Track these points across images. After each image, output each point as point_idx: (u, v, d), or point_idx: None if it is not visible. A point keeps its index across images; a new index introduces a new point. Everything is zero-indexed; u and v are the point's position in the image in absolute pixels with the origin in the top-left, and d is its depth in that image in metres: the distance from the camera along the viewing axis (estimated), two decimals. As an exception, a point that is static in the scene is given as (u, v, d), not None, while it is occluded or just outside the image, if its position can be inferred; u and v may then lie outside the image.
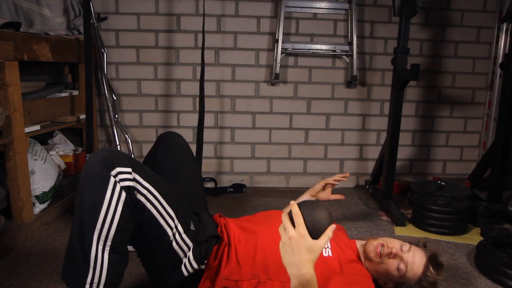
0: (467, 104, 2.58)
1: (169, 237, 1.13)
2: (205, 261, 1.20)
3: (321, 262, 1.20)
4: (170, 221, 1.12)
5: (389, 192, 2.13)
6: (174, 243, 1.14)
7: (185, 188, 1.40)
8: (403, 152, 2.59)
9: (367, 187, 2.52)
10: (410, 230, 1.91)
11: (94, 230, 0.99)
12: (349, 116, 2.54)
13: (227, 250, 1.23)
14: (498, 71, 2.43)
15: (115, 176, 1.00)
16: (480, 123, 2.61)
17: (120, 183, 1.01)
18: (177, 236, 1.14)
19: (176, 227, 1.14)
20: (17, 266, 1.48)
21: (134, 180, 1.04)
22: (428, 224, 1.89)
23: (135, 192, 1.05)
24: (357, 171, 2.62)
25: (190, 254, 1.17)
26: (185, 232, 1.16)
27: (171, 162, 1.44)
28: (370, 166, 2.58)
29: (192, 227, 1.20)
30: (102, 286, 1.02)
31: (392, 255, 1.23)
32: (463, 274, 1.51)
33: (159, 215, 1.10)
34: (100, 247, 1.00)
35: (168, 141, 1.47)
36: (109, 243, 1.01)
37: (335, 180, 1.64)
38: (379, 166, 2.31)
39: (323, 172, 2.59)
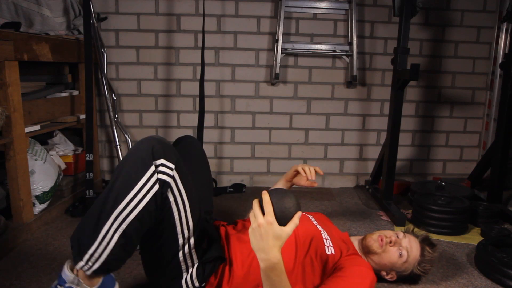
0: (467, 104, 2.58)
1: (178, 245, 1.12)
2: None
3: (325, 261, 1.22)
4: (185, 231, 1.11)
5: (389, 192, 2.13)
6: (180, 254, 1.13)
7: (196, 189, 1.40)
8: (403, 152, 2.59)
9: (367, 187, 2.52)
10: (410, 230, 1.91)
11: (116, 208, 0.99)
12: (349, 116, 2.54)
13: (228, 268, 1.20)
14: (498, 71, 2.43)
15: (157, 166, 1.01)
16: (480, 123, 2.61)
17: (159, 174, 1.01)
18: (186, 247, 1.13)
19: (189, 238, 1.12)
20: (17, 266, 1.47)
21: (172, 177, 1.04)
22: (428, 224, 1.89)
23: (168, 189, 1.04)
24: (357, 171, 2.62)
25: (193, 271, 1.16)
26: (195, 247, 1.15)
27: (185, 163, 1.43)
28: (370, 166, 2.58)
29: (204, 245, 1.19)
30: (100, 263, 1.01)
31: (392, 243, 1.30)
32: (463, 274, 1.51)
33: (179, 221, 1.09)
34: (114, 226, 0.99)
35: (185, 142, 1.50)
36: (124, 226, 1.00)
37: (305, 172, 1.55)
38: (379, 166, 2.31)
39: (323, 172, 2.59)
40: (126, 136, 2.26)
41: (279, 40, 2.31)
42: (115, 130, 2.20)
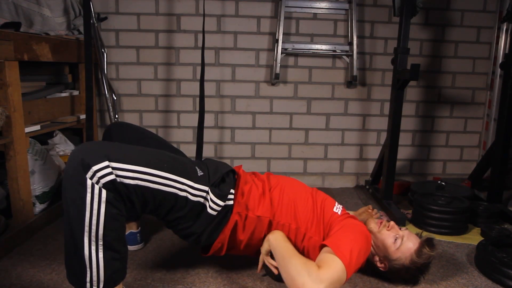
0: (467, 104, 2.58)
1: (181, 196, 1.14)
2: (232, 197, 1.26)
3: (330, 216, 1.34)
4: (172, 183, 1.12)
5: (389, 192, 2.13)
6: (190, 197, 1.16)
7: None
8: (403, 152, 2.59)
9: (367, 187, 2.52)
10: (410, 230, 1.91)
11: (84, 233, 1.00)
12: (349, 116, 2.54)
13: (254, 188, 1.32)
14: (498, 71, 2.43)
15: (91, 178, 0.98)
16: (480, 123, 2.61)
17: (100, 181, 0.99)
18: (189, 189, 1.15)
19: (182, 183, 1.14)
20: (17, 266, 1.47)
21: (112, 172, 1.00)
22: (428, 224, 1.89)
23: (120, 179, 1.01)
24: (357, 171, 2.62)
25: (210, 196, 1.20)
26: (195, 182, 1.17)
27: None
28: (370, 166, 2.58)
29: (199, 173, 1.21)
30: (103, 283, 1.05)
31: (389, 228, 1.36)
32: (463, 274, 1.51)
33: (157, 185, 1.09)
34: (93, 247, 1.01)
35: (115, 133, 1.47)
36: (100, 242, 1.02)
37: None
38: (379, 166, 2.31)
39: (323, 172, 2.59)
40: (126, 136, 2.26)
41: (279, 40, 2.31)
42: (115, 130, 2.20)
